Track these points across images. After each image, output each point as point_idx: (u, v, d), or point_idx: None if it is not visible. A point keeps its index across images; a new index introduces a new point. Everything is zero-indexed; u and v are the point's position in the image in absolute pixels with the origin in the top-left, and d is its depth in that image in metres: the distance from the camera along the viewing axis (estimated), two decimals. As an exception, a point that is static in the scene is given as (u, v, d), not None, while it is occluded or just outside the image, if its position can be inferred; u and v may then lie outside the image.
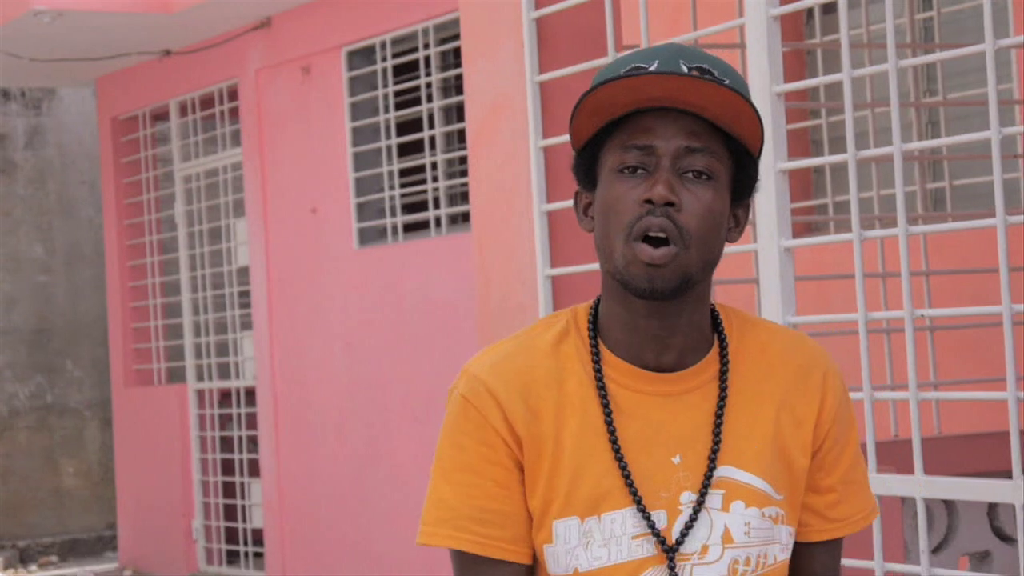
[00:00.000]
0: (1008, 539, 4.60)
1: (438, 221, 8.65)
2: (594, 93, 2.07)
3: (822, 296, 6.11)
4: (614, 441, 2.09)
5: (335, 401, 9.18)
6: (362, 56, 9.09)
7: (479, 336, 5.80)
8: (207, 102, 10.31)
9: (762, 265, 4.06)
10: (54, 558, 11.74)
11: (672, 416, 2.10)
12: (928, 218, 5.88)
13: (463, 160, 8.51)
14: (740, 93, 2.05)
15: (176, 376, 10.82)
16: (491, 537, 2.09)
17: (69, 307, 12.28)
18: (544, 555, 2.10)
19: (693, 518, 2.08)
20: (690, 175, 2.07)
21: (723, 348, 2.14)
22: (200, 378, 10.52)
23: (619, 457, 2.08)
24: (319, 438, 9.31)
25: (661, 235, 2.04)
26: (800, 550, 2.19)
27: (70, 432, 12.26)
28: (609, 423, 2.09)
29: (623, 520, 2.08)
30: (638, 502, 2.07)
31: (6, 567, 11.42)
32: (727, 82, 2.06)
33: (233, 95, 10.01)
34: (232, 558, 10.34)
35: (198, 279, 10.53)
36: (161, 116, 10.87)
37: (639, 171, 2.07)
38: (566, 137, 4.73)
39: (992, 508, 4.59)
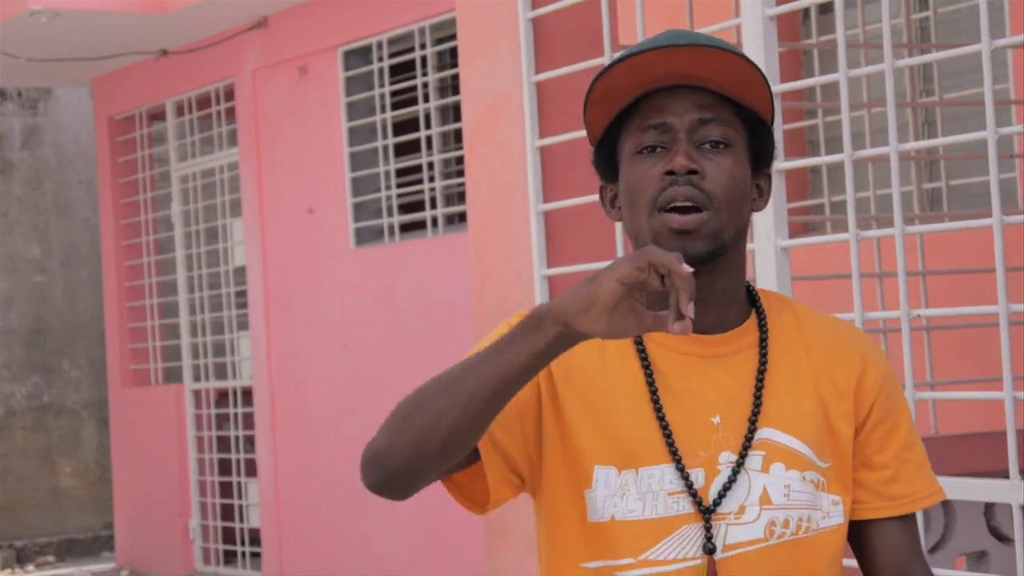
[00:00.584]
0: (1005, 539, 4.60)
1: (435, 221, 8.65)
2: (601, 80, 2.09)
3: (819, 296, 6.10)
4: (655, 399, 2.10)
5: (332, 401, 9.18)
6: (359, 56, 9.09)
7: (477, 337, 5.80)
8: (204, 102, 10.31)
9: (759, 265, 4.07)
10: (51, 558, 11.73)
11: (712, 377, 2.11)
12: (925, 218, 5.88)
13: (460, 160, 8.51)
14: (743, 57, 2.08)
15: (173, 376, 10.82)
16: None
17: (66, 307, 12.27)
18: (585, 503, 2.09)
19: (732, 479, 2.08)
20: (707, 146, 2.09)
21: (761, 319, 2.16)
22: (197, 378, 10.52)
23: (660, 415, 2.09)
24: (316, 438, 9.31)
25: (688, 204, 2.07)
26: (865, 530, 2.19)
27: (67, 432, 12.26)
28: (650, 380, 2.11)
29: (660, 476, 2.08)
30: (677, 460, 2.08)
31: (3, 567, 11.41)
32: (730, 50, 2.09)
33: (230, 95, 10.01)
34: (229, 558, 10.34)
35: (195, 279, 10.53)
36: (158, 116, 10.87)
37: (657, 150, 2.10)
38: (563, 137, 4.74)
39: (989, 508, 4.59)
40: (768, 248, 3.99)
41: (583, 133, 4.95)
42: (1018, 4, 5.86)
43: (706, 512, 2.07)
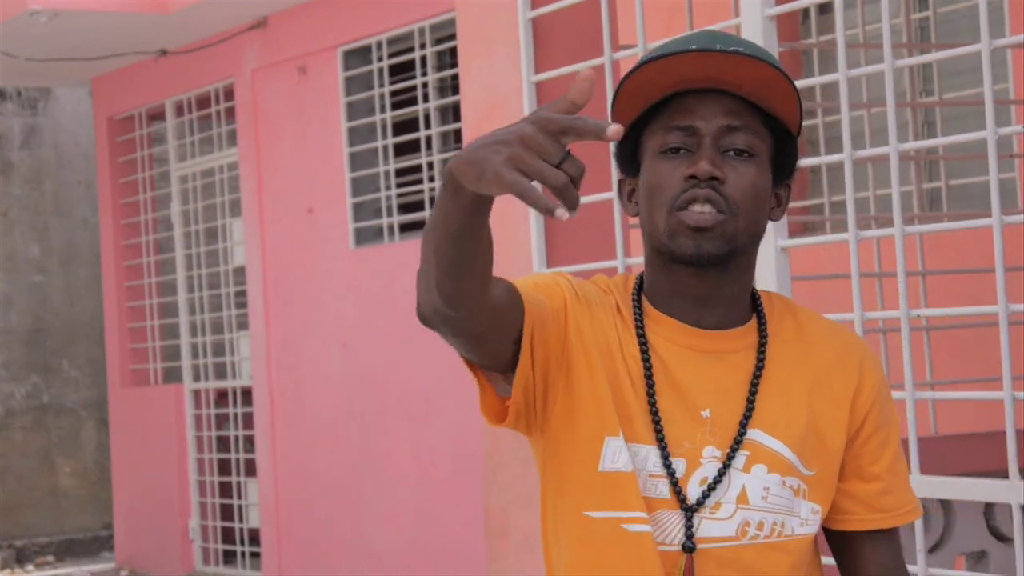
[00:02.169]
0: (1004, 539, 4.60)
1: (434, 221, 8.64)
2: (635, 76, 2.10)
3: (818, 296, 6.10)
4: (650, 383, 2.11)
5: (331, 401, 9.18)
6: (358, 56, 9.09)
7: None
8: (203, 102, 10.31)
9: (759, 265, 4.06)
10: (50, 558, 11.73)
11: (707, 372, 2.12)
12: (924, 218, 5.88)
13: (459, 160, 8.50)
14: (778, 69, 2.09)
15: (172, 376, 10.82)
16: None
17: (65, 307, 12.27)
18: (602, 448, 2.10)
19: (713, 474, 2.08)
20: (731, 153, 2.10)
21: (761, 323, 2.17)
22: (196, 378, 10.52)
23: (652, 400, 2.10)
24: (315, 438, 9.31)
25: (706, 209, 2.08)
26: (852, 542, 2.19)
27: (66, 432, 12.26)
28: (647, 363, 2.12)
29: (646, 456, 2.09)
30: (662, 446, 2.09)
31: (3, 567, 11.41)
32: (765, 59, 2.09)
33: (229, 95, 10.01)
34: (229, 558, 10.34)
35: (194, 279, 10.53)
36: (157, 116, 10.87)
37: (682, 151, 2.11)
38: (562, 137, 4.73)
39: (988, 508, 4.59)
40: (768, 248, 3.99)
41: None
42: (1017, 4, 5.86)
43: (683, 502, 2.08)
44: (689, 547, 2.07)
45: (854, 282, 3.87)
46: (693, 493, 2.09)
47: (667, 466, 2.08)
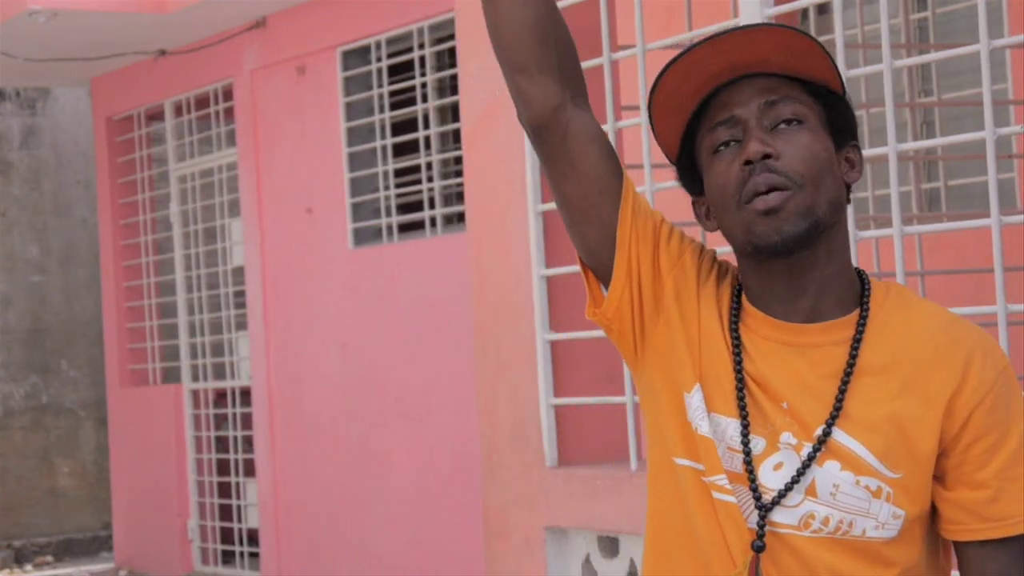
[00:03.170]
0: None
1: (433, 221, 8.65)
2: (657, 92, 2.11)
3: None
4: (738, 358, 2.10)
5: (330, 401, 9.18)
6: (357, 56, 9.09)
7: (475, 336, 5.81)
8: (202, 102, 10.31)
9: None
10: (49, 558, 11.73)
11: (788, 365, 2.10)
12: (923, 218, 5.88)
13: (458, 160, 8.51)
14: (793, 29, 2.07)
15: (171, 376, 10.82)
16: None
17: (64, 307, 12.28)
18: (684, 403, 2.11)
19: (796, 477, 2.05)
20: (781, 126, 2.08)
21: (863, 317, 2.11)
22: (195, 378, 10.52)
23: (739, 371, 2.09)
24: (314, 438, 9.31)
25: (771, 196, 2.05)
26: (961, 553, 2.10)
27: (65, 432, 12.26)
28: (736, 341, 2.11)
29: (725, 427, 2.09)
30: (744, 417, 2.08)
31: (2, 567, 11.41)
32: (775, 24, 2.08)
33: (228, 95, 10.01)
34: (228, 558, 10.34)
35: (193, 279, 10.53)
36: (156, 116, 10.87)
37: (731, 144, 2.09)
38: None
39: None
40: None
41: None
42: (1016, 4, 5.86)
43: (755, 489, 2.06)
44: (759, 546, 2.04)
45: (853, 282, 3.87)
46: (766, 476, 2.06)
47: (745, 442, 2.07)
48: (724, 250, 2.31)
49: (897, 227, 3.74)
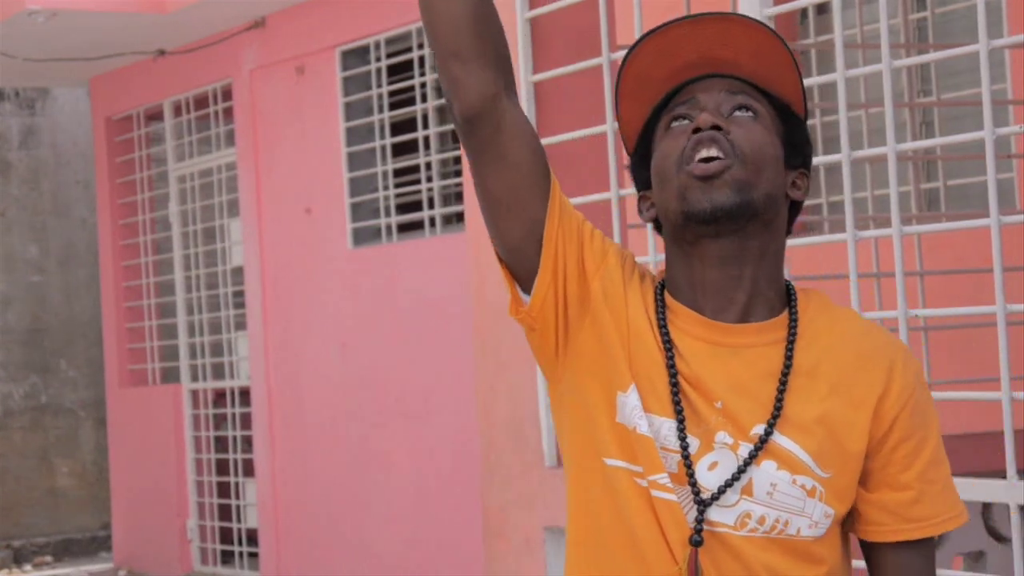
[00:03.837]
0: (1002, 539, 4.60)
1: (432, 221, 8.65)
2: (630, 67, 2.11)
3: (816, 296, 6.10)
4: (670, 358, 2.09)
5: (330, 401, 9.18)
6: (356, 56, 9.09)
7: (475, 336, 5.81)
8: (201, 102, 10.31)
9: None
10: (48, 558, 11.73)
11: (720, 365, 2.09)
12: (922, 218, 5.88)
13: (457, 160, 8.51)
14: (772, 32, 2.08)
15: (170, 376, 10.81)
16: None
17: (63, 307, 12.27)
18: (616, 403, 2.10)
19: (736, 475, 2.05)
20: (737, 113, 2.09)
21: (793, 320, 2.12)
22: (195, 378, 10.52)
23: (673, 372, 2.08)
24: (314, 438, 9.31)
25: (712, 152, 2.05)
26: (881, 552, 2.13)
27: (64, 432, 12.25)
28: (667, 340, 2.10)
29: (659, 426, 2.08)
30: (680, 418, 2.07)
31: (1, 567, 11.41)
32: (757, 23, 2.09)
33: (227, 95, 10.01)
34: (227, 558, 10.34)
35: (192, 279, 10.52)
36: (155, 116, 10.87)
37: (685, 120, 2.10)
38: (561, 137, 4.73)
39: (986, 508, 4.59)
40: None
41: (580, 133, 4.98)
42: (1015, 4, 5.86)
43: (695, 490, 2.05)
44: (697, 540, 2.05)
45: (852, 282, 3.87)
46: (702, 475, 2.06)
47: (682, 439, 2.06)
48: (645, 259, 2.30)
49: (896, 227, 3.74)
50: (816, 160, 4.17)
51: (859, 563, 2.23)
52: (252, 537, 10.05)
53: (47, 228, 12.26)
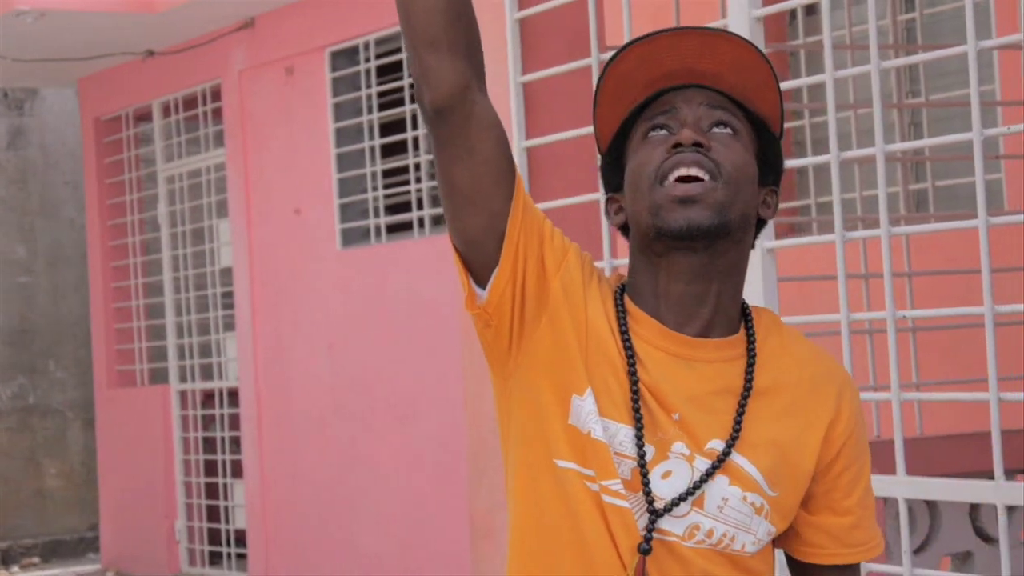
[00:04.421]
0: (990, 540, 4.61)
1: (421, 222, 8.65)
2: (611, 71, 2.10)
3: (805, 297, 6.11)
4: (631, 365, 2.08)
5: (319, 402, 9.17)
6: (345, 57, 9.08)
7: (463, 337, 5.80)
8: (190, 103, 10.30)
9: (745, 266, 4.06)
10: (36, 559, 11.71)
11: (680, 377, 2.09)
12: (910, 219, 5.88)
13: (446, 161, 8.50)
14: (756, 50, 2.08)
15: (159, 377, 10.80)
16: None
17: (51, 308, 12.25)
18: (570, 406, 2.09)
19: (691, 489, 2.06)
20: (715, 129, 2.09)
21: (751, 340, 2.13)
22: (183, 379, 10.51)
23: (634, 379, 2.08)
24: (302, 439, 9.30)
25: (693, 172, 2.04)
26: (815, 573, 2.18)
27: (52, 433, 12.23)
28: (628, 347, 2.09)
29: (615, 432, 2.07)
30: (639, 425, 2.06)
31: (-12, 568, 11.39)
32: (741, 39, 2.09)
33: (216, 96, 10.00)
34: (215, 559, 10.33)
35: (181, 280, 10.51)
36: (144, 117, 10.85)
37: (665, 131, 2.10)
38: (550, 138, 4.73)
39: (974, 509, 4.59)
40: (754, 249, 3.99)
41: (569, 134, 4.97)
42: (1003, 5, 5.87)
43: (648, 495, 2.05)
44: (646, 549, 2.05)
45: (840, 283, 3.87)
46: (655, 484, 2.06)
47: (639, 447, 2.06)
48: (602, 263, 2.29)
49: (885, 228, 3.74)
50: (804, 161, 4.18)
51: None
52: (240, 538, 10.04)
53: (35, 229, 12.24)
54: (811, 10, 6.82)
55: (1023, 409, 3.88)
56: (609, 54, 4.60)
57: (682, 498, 2.05)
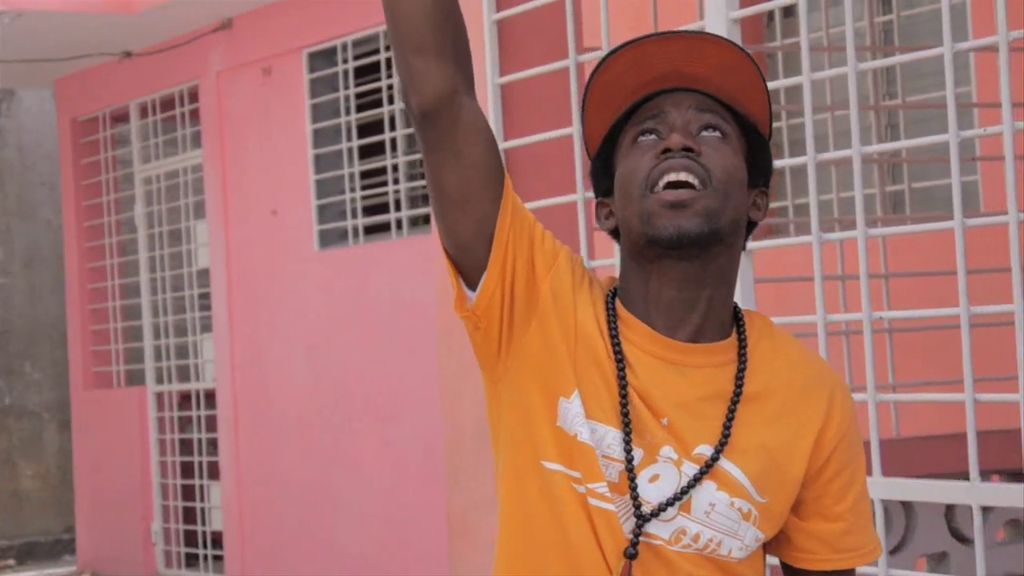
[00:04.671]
0: (965, 540, 4.62)
1: (399, 223, 8.65)
2: (599, 77, 2.09)
3: (781, 298, 6.12)
4: (621, 369, 2.08)
5: (296, 403, 9.16)
6: (323, 58, 9.08)
7: (440, 338, 5.80)
8: (167, 104, 10.28)
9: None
10: (11, 561, 11.67)
11: (668, 382, 2.09)
12: (887, 221, 5.90)
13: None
14: (742, 51, 2.08)
15: (135, 378, 10.78)
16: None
17: (28, 309, 12.21)
18: (558, 408, 2.08)
19: (679, 495, 2.05)
20: (704, 132, 2.08)
21: (742, 344, 2.13)
22: (160, 380, 10.49)
23: (623, 383, 2.07)
24: (280, 440, 9.29)
25: (683, 177, 2.04)
26: None
27: (28, 434, 12.19)
28: (617, 350, 2.09)
29: (603, 435, 2.07)
30: (626, 428, 2.06)
31: (-36, 570, 11.36)
32: (728, 42, 2.09)
33: (194, 97, 9.98)
34: (191, 561, 10.31)
35: (158, 281, 10.49)
36: (121, 118, 10.83)
37: (654, 136, 2.09)
38: (528, 139, 4.74)
39: (950, 510, 4.61)
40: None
41: (548, 136, 4.97)
42: (980, 8, 5.88)
43: (635, 492, 2.05)
44: (632, 553, 2.05)
45: (817, 284, 3.88)
46: (643, 487, 2.06)
47: (628, 452, 2.05)
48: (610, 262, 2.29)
49: (861, 229, 3.75)
50: (781, 162, 4.18)
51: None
52: (217, 540, 10.03)
53: (11, 230, 12.20)
54: (788, 12, 6.83)
55: (999, 410, 3.90)
56: (587, 56, 4.60)
57: (669, 502, 2.05)
